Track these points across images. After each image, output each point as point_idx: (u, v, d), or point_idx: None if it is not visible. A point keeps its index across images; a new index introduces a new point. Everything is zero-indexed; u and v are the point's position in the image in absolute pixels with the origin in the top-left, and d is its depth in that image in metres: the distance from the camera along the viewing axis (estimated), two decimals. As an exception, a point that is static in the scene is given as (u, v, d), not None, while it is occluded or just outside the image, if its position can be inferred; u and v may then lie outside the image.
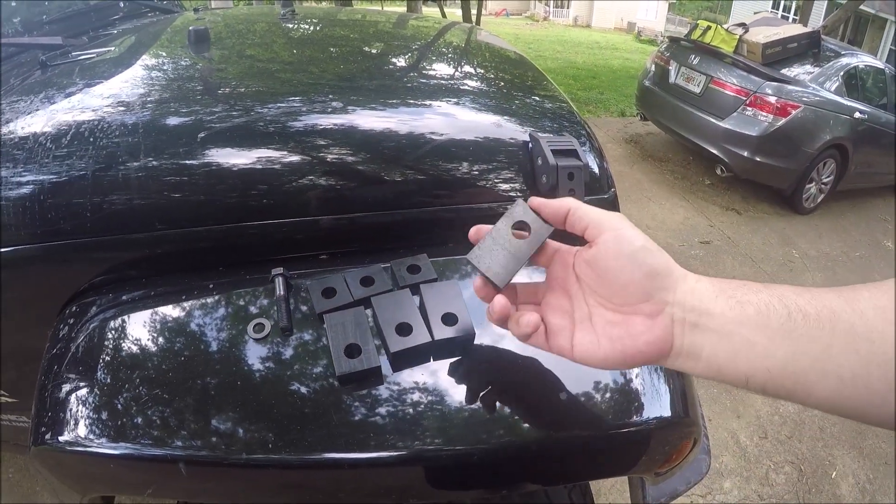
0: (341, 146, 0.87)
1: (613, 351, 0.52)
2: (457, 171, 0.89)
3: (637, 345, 0.51)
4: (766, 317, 0.46)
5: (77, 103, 0.90)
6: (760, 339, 0.45)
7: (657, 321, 0.51)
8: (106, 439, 0.63)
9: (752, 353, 0.46)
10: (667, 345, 0.51)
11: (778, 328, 0.45)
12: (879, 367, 0.41)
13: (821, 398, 0.44)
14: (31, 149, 0.80)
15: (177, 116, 0.87)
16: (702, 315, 0.49)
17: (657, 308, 0.51)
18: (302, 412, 0.64)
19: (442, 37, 1.57)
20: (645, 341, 0.51)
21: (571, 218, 0.55)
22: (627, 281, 0.51)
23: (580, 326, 0.55)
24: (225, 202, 0.81)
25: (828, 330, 0.43)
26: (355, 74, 1.13)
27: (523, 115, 1.02)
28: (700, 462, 1.01)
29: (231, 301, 0.75)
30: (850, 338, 0.42)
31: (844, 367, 0.42)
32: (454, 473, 0.67)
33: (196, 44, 1.18)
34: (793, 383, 0.45)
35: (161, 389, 0.65)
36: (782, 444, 2.58)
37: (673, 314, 0.50)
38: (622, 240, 0.52)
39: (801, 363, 0.44)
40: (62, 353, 0.72)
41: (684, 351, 0.50)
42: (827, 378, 0.43)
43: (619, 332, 0.53)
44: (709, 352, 0.49)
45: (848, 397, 0.43)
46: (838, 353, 0.42)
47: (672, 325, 0.50)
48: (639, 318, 0.52)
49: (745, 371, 0.47)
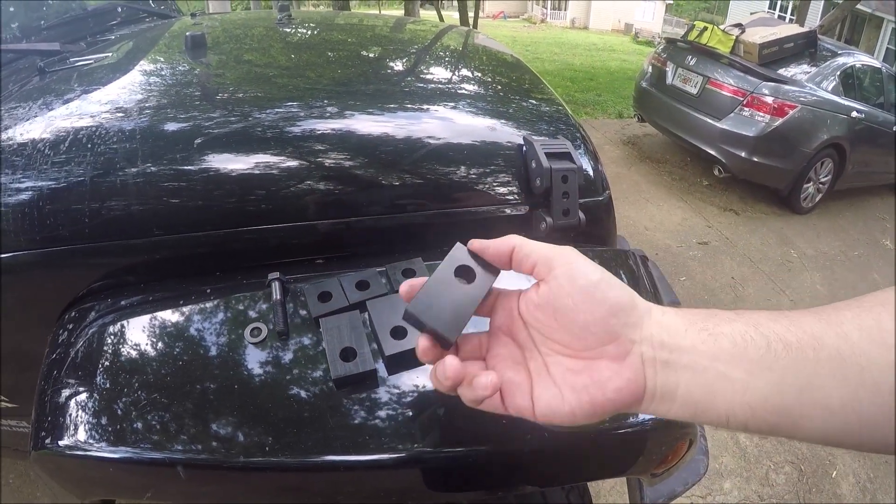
0: (337, 151, 0.87)
1: (580, 403, 0.46)
2: (452, 175, 0.90)
3: (606, 393, 0.45)
4: (743, 349, 0.42)
5: (75, 109, 0.91)
6: (738, 373, 0.42)
7: (626, 363, 0.46)
8: (105, 443, 0.63)
9: (731, 389, 0.42)
10: (639, 388, 0.45)
11: (757, 360, 0.41)
12: (869, 392, 0.38)
13: (808, 431, 0.41)
14: (30, 155, 0.81)
15: (174, 122, 0.88)
16: (673, 351, 0.44)
17: (624, 349, 0.46)
18: (299, 415, 0.65)
19: (439, 41, 1.57)
20: (614, 388, 0.45)
21: (517, 256, 0.50)
22: (587, 320, 0.46)
23: (538, 379, 0.49)
24: (222, 207, 0.81)
25: (811, 358, 0.40)
26: (352, 79, 1.13)
27: (518, 118, 1.03)
28: (697, 463, 1.02)
29: (228, 306, 0.75)
30: (837, 364, 0.39)
31: (833, 397, 0.39)
32: (450, 475, 0.67)
33: (193, 49, 1.19)
34: (777, 418, 0.41)
35: (160, 394, 0.66)
36: (782, 444, 2.58)
37: (642, 353, 0.45)
38: (576, 274, 0.47)
39: (785, 396, 0.40)
40: (62, 358, 0.72)
41: (658, 393, 0.45)
42: (814, 409, 0.40)
43: (584, 381, 0.46)
44: (683, 391, 0.44)
45: (837, 427, 0.40)
46: (825, 383, 0.39)
47: (643, 366, 0.45)
48: (604, 363, 0.46)
49: (725, 409, 0.43)
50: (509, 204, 0.91)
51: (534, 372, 0.50)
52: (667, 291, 1.01)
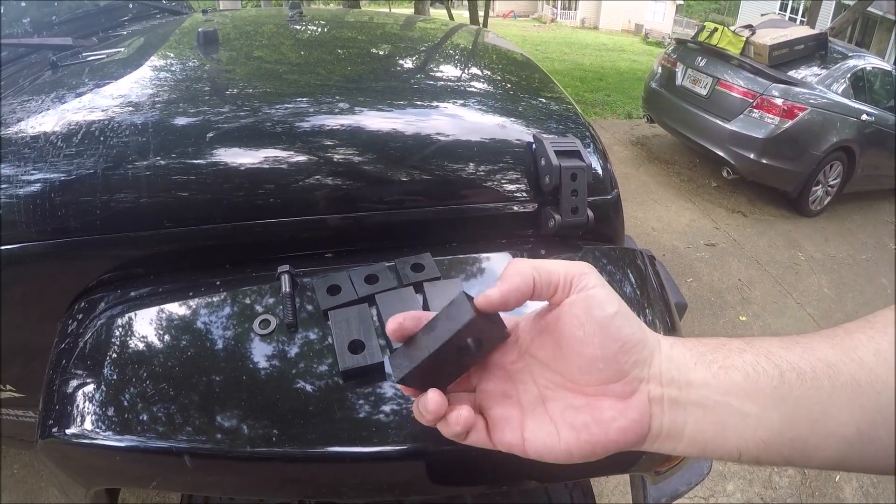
0: (347, 146, 0.88)
1: (579, 443, 0.43)
2: (461, 172, 0.90)
3: (608, 433, 0.43)
4: (756, 382, 0.40)
5: (87, 103, 0.92)
6: (752, 408, 0.40)
7: (631, 402, 0.43)
8: (112, 432, 0.64)
9: (743, 424, 0.40)
10: (644, 429, 0.43)
11: (771, 393, 0.39)
12: (886, 419, 0.37)
13: (822, 460, 0.40)
14: (42, 147, 0.81)
15: (185, 116, 0.88)
16: (682, 388, 0.42)
17: (631, 388, 0.43)
18: (306, 407, 0.65)
19: (449, 39, 1.58)
20: (618, 428, 0.43)
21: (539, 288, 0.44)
22: (596, 355, 0.43)
23: (531, 414, 0.46)
24: (232, 201, 0.82)
25: (827, 387, 0.38)
26: (362, 76, 1.14)
27: (528, 116, 1.03)
28: (701, 463, 1.02)
29: (237, 298, 0.75)
30: (853, 392, 0.38)
31: (849, 426, 0.38)
32: (455, 469, 0.67)
33: (205, 45, 1.19)
34: (790, 451, 0.40)
35: (167, 384, 0.66)
36: (786, 447, 2.57)
37: (650, 391, 0.43)
38: (592, 303, 0.43)
39: (800, 428, 0.39)
40: (70, 349, 0.73)
41: (664, 433, 0.43)
42: (829, 440, 0.39)
43: (584, 419, 0.44)
44: (692, 429, 0.42)
45: (852, 456, 0.39)
46: (840, 412, 0.38)
47: (649, 406, 0.43)
48: (608, 401, 0.44)
49: (737, 445, 0.41)
50: (518, 201, 0.91)
51: (527, 406, 0.47)
52: (674, 292, 1.01)
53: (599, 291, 0.44)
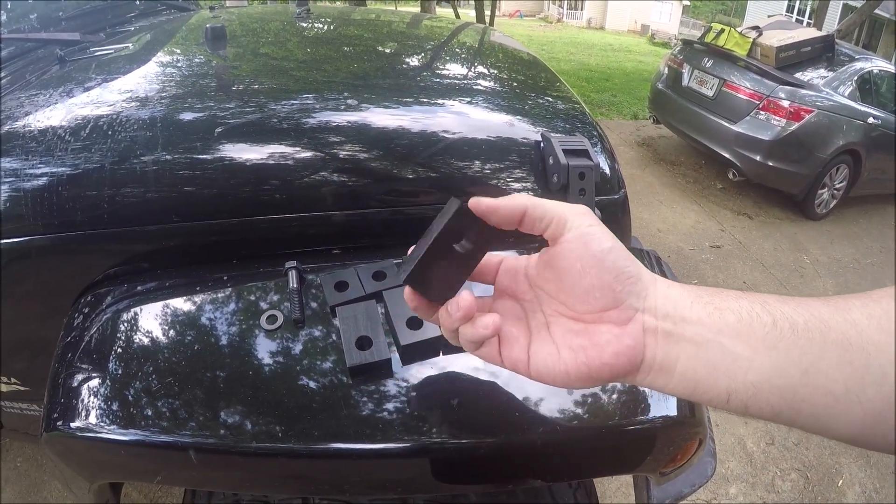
0: (354, 143, 0.88)
1: (576, 363, 0.45)
2: (468, 169, 0.90)
3: (603, 356, 0.45)
4: (749, 325, 0.41)
5: (94, 98, 0.92)
6: (743, 349, 0.41)
7: (626, 329, 0.45)
8: (117, 426, 0.64)
9: (734, 366, 0.41)
10: (637, 356, 0.44)
11: (763, 337, 0.40)
12: (875, 380, 0.37)
13: (810, 416, 0.40)
14: (50, 141, 0.82)
15: (192, 112, 0.88)
16: (677, 323, 0.43)
17: (626, 315, 0.45)
18: (311, 403, 0.65)
19: (455, 37, 1.58)
20: (612, 352, 0.44)
21: (529, 219, 0.48)
22: (593, 284, 0.45)
23: (537, 336, 0.49)
24: (239, 196, 0.82)
25: (818, 341, 0.39)
26: (369, 73, 1.14)
27: (535, 115, 1.03)
28: (705, 465, 1.01)
29: (244, 293, 0.75)
30: (843, 349, 0.38)
31: (837, 382, 0.38)
32: (460, 467, 0.67)
33: (212, 41, 1.20)
34: (779, 399, 0.40)
35: (173, 379, 0.66)
36: (789, 451, 2.57)
37: (644, 322, 0.45)
38: (590, 239, 0.46)
39: (789, 377, 0.39)
40: (76, 342, 0.73)
41: (656, 365, 0.44)
42: (817, 394, 0.39)
43: (582, 342, 0.46)
44: (684, 365, 0.43)
45: (839, 416, 0.39)
46: (830, 366, 0.38)
47: (643, 335, 0.44)
48: (605, 326, 0.45)
49: (726, 386, 0.41)
50: None
51: (534, 329, 0.49)
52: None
53: (596, 229, 0.46)
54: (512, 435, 0.65)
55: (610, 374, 0.45)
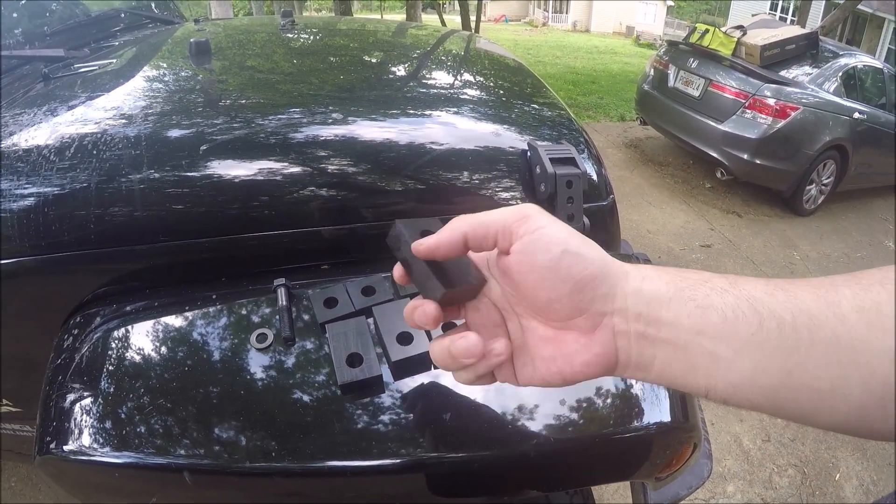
0: (341, 157, 0.88)
1: (550, 373, 0.45)
2: (456, 181, 0.90)
3: (574, 366, 0.44)
4: (734, 325, 0.39)
5: (80, 116, 0.91)
6: (725, 351, 0.39)
7: (594, 337, 0.43)
8: (110, 448, 0.64)
9: (714, 366, 0.39)
10: (609, 362, 0.43)
11: (747, 339, 0.38)
12: (861, 377, 0.36)
13: (792, 411, 0.39)
14: (35, 161, 0.81)
15: (178, 129, 0.88)
16: (650, 324, 0.41)
17: (593, 322, 0.43)
18: (304, 421, 0.65)
19: (440, 46, 1.58)
20: (582, 362, 0.43)
21: (473, 242, 0.45)
22: (550, 297, 0.43)
23: (516, 348, 0.47)
24: (227, 213, 0.82)
25: (806, 340, 0.37)
26: (355, 85, 1.14)
27: (522, 123, 1.03)
28: (701, 466, 1.01)
29: (234, 311, 0.75)
30: (831, 348, 0.37)
31: (822, 380, 0.37)
32: (455, 480, 0.67)
33: (197, 56, 1.19)
34: (760, 398, 0.39)
35: (165, 399, 0.66)
36: (785, 447, 2.58)
37: (614, 325, 0.43)
38: (537, 246, 0.42)
39: (772, 377, 0.38)
40: (66, 364, 0.73)
41: (632, 364, 0.43)
42: (800, 392, 0.38)
43: (552, 352, 0.45)
44: (660, 364, 0.42)
45: (823, 411, 0.38)
46: (816, 365, 0.37)
47: (614, 339, 0.43)
48: (572, 335, 0.44)
49: (705, 384, 0.40)
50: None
51: (513, 338, 0.47)
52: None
53: (544, 233, 0.43)
54: (506, 447, 0.65)
55: (584, 377, 0.44)
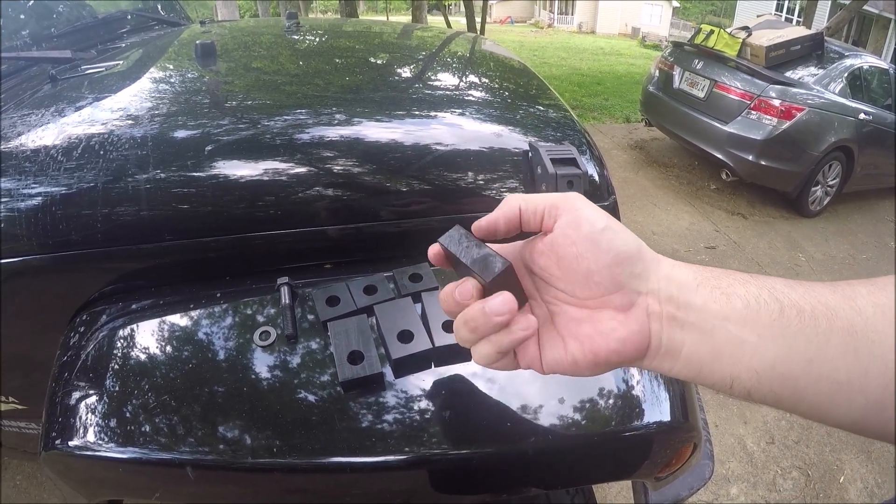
0: (345, 157, 0.88)
1: (583, 353, 0.45)
2: (459, 181, 0.91)
3: (609, 344, 0.44)
4: (756, 311, 0.40)
5: (87, 117, 0.92)
6: (749, 336, 0.40)
7: (631, 314, 0.44)
8: (115, 444, 0.64)
9: (739, 351, 0.40)
10: (643, 341, 0.44)
11: (769, 324, 0.40)
12: (879, 369, 0.37)
13: (812, 404, 0.40)
14: (43, 161, 0.82)
15: (185, 129, 0.89)
16: (680, 307, 0.43)
17: (629, 299, 0.44)
18: (307, 417, 0.65)
19: (445, 47, 1.58)
20: (618, 338, 0.44)
21: (525, 217, 0.47)
22: (591, 268, 0.44)
23: (543, 331, 0.48)
24: (232, 213, 0.83)
25: (824, 328, 0.39)
26: (360, 86, 1.14)
27: (525, 124, 1.03)
28: (703, 467, 1.02)
29: (238, 309, 0.76)
30: (849, 337, 0.38)
31: (840, 370, 0.38)
32: (456, 477, 0.67)
33: (203, 57, 1.20)
34: (782, 387, 0.40)
35: (169, 396, 0.67)
36: (790, 449, 2.57)
37: (648, 306, 0.44)
38: (581, 222, 0.44)
39: (794, 364, 0.39)
40: (72, 361, 0.74)
41: (662, 349, 0.44)
42: (820, 382, 0.39)
43: (588, 331, 0.45)
44: (689, 349, 0.43)
45: (841, 404, 0.39)
46: (835, 354, 0.38)
47: (648, 320, 0.44)
48: (608, 312, 0.45)
49: (730, 372, 0.41)
50: None
51: (540, 322, 0.48)
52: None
53: (587, 211, 0.45)
54: (506, 445, 0.65)
55: (618, 359, 0.45)
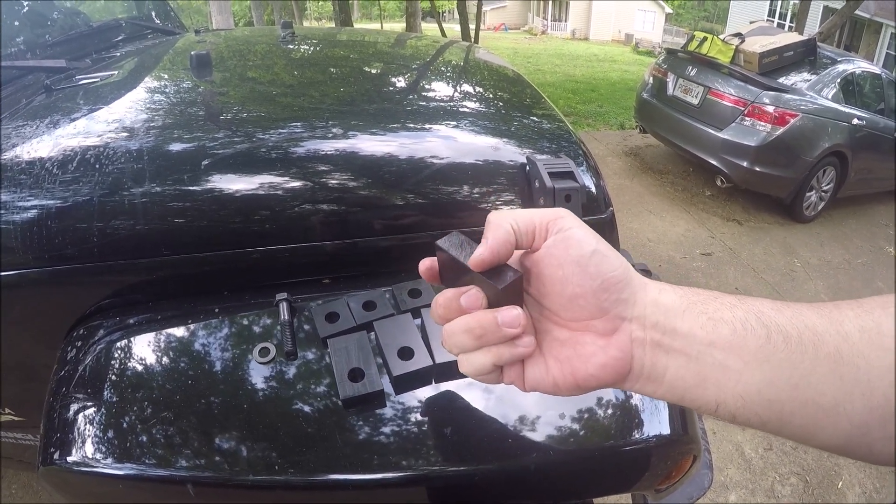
0: (342, 171, 0.88)
1: (563, 375, 0.44)
2: (456, 195, 0.90)
3: (588, 368, 0.44)
4: (743, 338, 0.40)
5: (82, 128, 0.92)
6: (735, 363, 0.40)
7: (613, 340, 0.43)
8: (113, 460, 0.64)
9: (724, 377, 0.40)
10: (624, 367, 0.44)
11: (756, 351, 0.40)
12: (862, 394, 0.38)
13: (797, 427, 0.40)
14: (37, 174, 0.82)
15: (180, 142, 0.89)
16: (666, 333, 0.42)
17: (613, 325, 0.43)
18: (307, 435, 0.65)
19: (440, 57, 1.59)
20: (598, 364, 0.43)
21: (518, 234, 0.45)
22: (576, 293, 0.43)
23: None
24: (229, 228, 0.82)
25: (810, 354, 0.39)
26: (355, 98, 1.14)
27: (521, 136, 1.04)
28: (702, 477, 1.01)
29: (236, 325, 0.76)
30: (834, 363, 0.38)
31: (826, 395, 0.38)
32: (458, 494, 0.67)
33: (198, 68, 1.20)
34: (767, 411, 0.40)
35: (168, 412, 0.66)
36: (787, 456, 2.57)
37: (632, 332, 0.43)
38: (570, 243, 0.43)
39: (779, 390, 0.39)
40: (70, 375, 0.73)
41: (644, 374, 0.44)
42: (806, 406, 0.39)
43: (568, 353, 0.45)
44: (673, 374, 0.42)
45: (825, 427, 0.39)
46: (819, 380, 0.38)
47: (631, 345, 0.43)
48: (590, 336, 0.44)
49: (715, 397, 0.41)
50: None
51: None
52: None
53: (576, 232, 0.44)
54: (506, 460, 0.65)
55: (597, 383, 0.44)
